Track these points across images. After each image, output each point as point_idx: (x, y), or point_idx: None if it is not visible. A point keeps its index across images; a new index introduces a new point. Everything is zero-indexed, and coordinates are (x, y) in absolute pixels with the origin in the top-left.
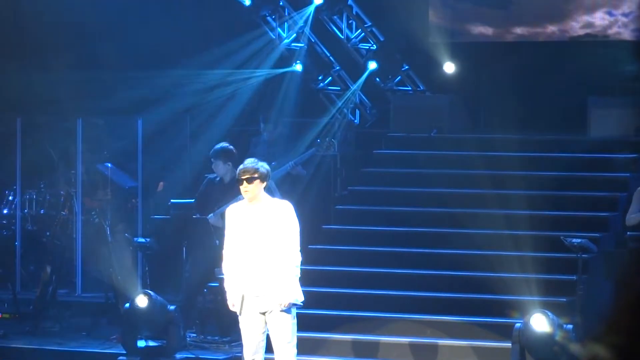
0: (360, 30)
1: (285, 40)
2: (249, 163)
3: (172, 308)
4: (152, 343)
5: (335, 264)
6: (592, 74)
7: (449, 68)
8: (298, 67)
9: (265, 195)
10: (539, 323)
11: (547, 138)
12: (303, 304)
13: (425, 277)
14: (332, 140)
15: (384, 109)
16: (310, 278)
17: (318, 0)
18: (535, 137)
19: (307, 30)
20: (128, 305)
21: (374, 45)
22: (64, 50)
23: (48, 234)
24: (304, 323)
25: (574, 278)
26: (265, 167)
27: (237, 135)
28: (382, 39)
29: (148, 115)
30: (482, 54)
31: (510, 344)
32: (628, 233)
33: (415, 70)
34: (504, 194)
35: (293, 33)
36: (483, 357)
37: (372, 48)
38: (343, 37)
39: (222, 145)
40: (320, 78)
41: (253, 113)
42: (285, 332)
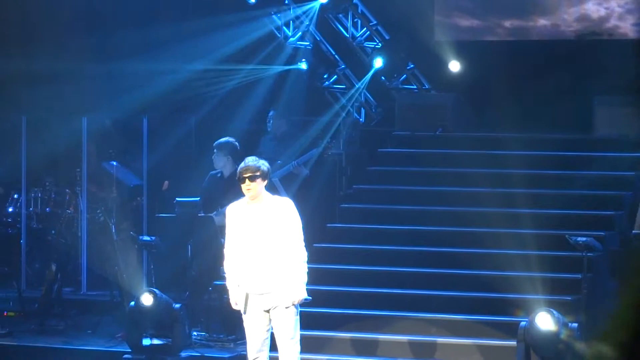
0: (366, 29)
1: (291, 39)
2: (251, 161)
3: (177, 306)
4: (157, 341)
5: (340, 263)
6: (597, 73)
7: (454, 67)
8: (303, 65)
9: (266, 193)
10: (544, 321)
11: (552, 137)
12: (310, 300)
13: (430, 275)
14: (332, 141)
15: (389, 108)
16: (315, 276)
17: None
18: (540, 135)
19: (312, 29)
20: (133, 304)
21: (379, 44)
22: (70, 48)
23: (53, 232)
24: (309, 321)
25: (579, 276)
26: (266, 165)
27: (244, 134)
28: (387, 38)
29: (153, 114)
30: (487, 53)
31: (515, 343)
32: (633, 232)
33: (421, 69)
34: (509, 193)
35: (298, 31)
36: (488, 355)
37: (377, 46)
38: (348, 35)
39: (226, 139)
40: (326, 76)
41: (260, 112)
42: (289, 329)
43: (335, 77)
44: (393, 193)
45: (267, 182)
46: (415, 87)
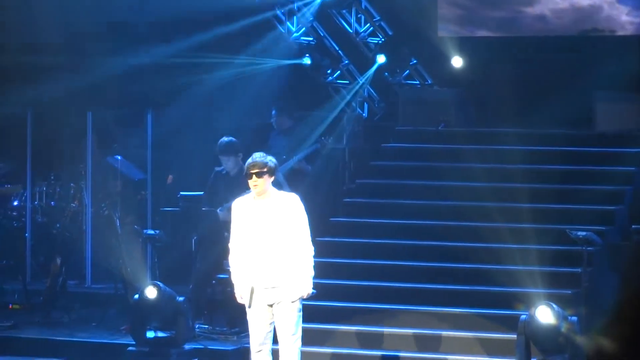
0: (369, 25)
1: (295, 34)
2: (258, 157)
3: (181, 299)
4: (161, 334)
5: (343, 257)
6: (598, 69)
7: (457, 62)
8: (307, 60)
9: (273, 189)
10: (544, 315)
11: (553, 132)
12: (315, 294)
13: (432, 269)
14: (324, 138)
15: (392, 103)
16: (318, 270)
17: None
18: (542, 130)
19: (315, 24)
20: (137, 297)
21: (383, 39)
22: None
23: (58, 226)
24: (312, 314)
25: (579, 270)
26: (274, 160)
27: (248, 129)
28: (390, 33)
29: (158, 109)
30: (489, 49)
31: (516, 336)
32: (633, 226)
33: (423, 64)
34: (511, 187)
35: (302, 27)
36: (488, 348)
37: (380, 42)
38: (352, 31)
39: (229, 139)
40: (329, 72)
41: (265, 106)
42: (291, 325)
43: (339, 72)
44: (396, 188)
45: (274, 178)
46: (418, 82)
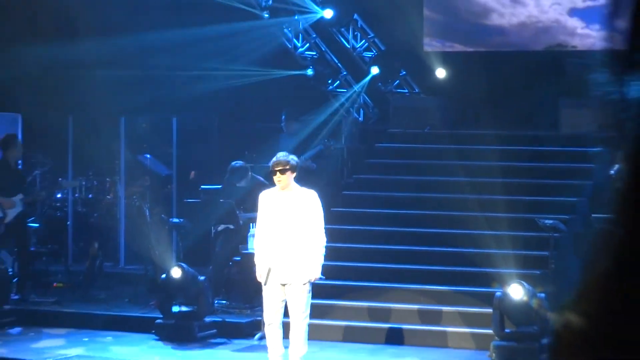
0: (364, 41)
1: (300, 49)
2: (282, 156)
3: (202, 279)
4: (184, 308)
5: (342, 242)
6: (563, 79)
7: (441, 74)
8: (310, 71)
9: (295, 184)
10: (517, 292)
11: (524, 134)
12: (323, 278)
13: (419, 252)
14: (329, 140)
15: (385, 109)
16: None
17: (328, 15)
18: (514, 132)
19: (318, 41)
20: (164, 276)
21: (376, 54)
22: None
23: (96, 215)
24: (316, 292)
25: (547, 254)
26: (295, 159)
27: (260, 131)
28: (383, 49)
29: (182, 114)
30: (468, 62)
31: (492, 310)
32: (593, 215)
33: (411, 76)
34: (487, 182)
35: (306, 43)
36: (468, 321)
37: (374, 56)
38: (349, 46)
39: (239, 165)
40: (330, 82)
41: (274, 112)
42: (301, 303)
43: (338, 82)
44: (388, 182)
45: (295, 174)
46: (407, 91)
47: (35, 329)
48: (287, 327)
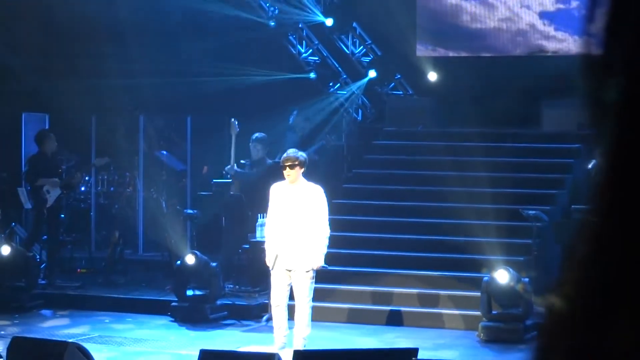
0: (363, 47)
1: (304, 54)
2: (291, 153)
3: (214, 265)
4: (198, 292)
5: (343, 231)
6: (544, 81)
7: (432, 77)
8: (312, 75)
9: (303, 179)
10: (503, 277)
11: (508, 131)
12: (327, 267)
13: (413, 240)
14: (331, 136)
15: (381, 109)
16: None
17: (329, 22)
18: (499, 130)
19: (320, 47)
20: (179, 263)
21: (373, 58)
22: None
23: (117, 207)
24: (320, 277)
25: (530, 242)
26: (304, 155)
27: (268, 129)
28: (379, 54)
29: (196, 114)
30: (457, 66)
31: (480, 294)
32: (573, 206)
33: (406, 78)
34: (475, 176)
35: (309, 49)
36: (457, 304)
37: (371, 60)
38: (349, 52)
39: (261, 134)
40: (331, 84)
41: (280, 112)
42: (305, 289)
43: (338, 84)
44: (384, 176)
45: (304, 169)
46: (402, 92)
47: (61, 311)
48: (292, 309)
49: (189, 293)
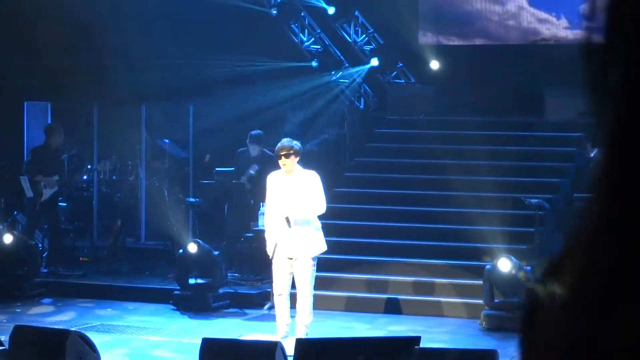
0: (365, 35)
1: (306, 43)
2: (286, 142)
3: (216, 253)
4: (200, 281)
5: (345, 219)
6: (546, 70)
7: (434, 65)
8: (314, 64)
9: (298, 167)
10: (505, 265)
11: (511, 120)
12: (326, 249)
13: (415, 229)
14: (333, 128)
15: (383, 97)
16: (325, 230)
17: (331, 11)
18: (502, 119)
19: (322, 35)
20: (181, 251)
21: (375, 47)
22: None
23: (119, 195)
24: (320, 265)
25: (532, 230)
26: (298, 144)
27: (271, 118)
28: (381, 42)
29: (198, 102)
30: (459, 54)
31: (482, 282)
32: (574, 194)
33: (408, 67)
34: (477, 164)
35: (311, 37)
36: (460, 292)
37: (373, 49)
38: (351, 40)
39: (258, 132)
40: (333, 73)
41: (282, 101)
42: (306, 277)
43: (341, 73)
44: (387, 164)
45: (299, 158)
46: (404, 81)
47: (64, 300)
48: (294, 298)
49: (192, 281)
